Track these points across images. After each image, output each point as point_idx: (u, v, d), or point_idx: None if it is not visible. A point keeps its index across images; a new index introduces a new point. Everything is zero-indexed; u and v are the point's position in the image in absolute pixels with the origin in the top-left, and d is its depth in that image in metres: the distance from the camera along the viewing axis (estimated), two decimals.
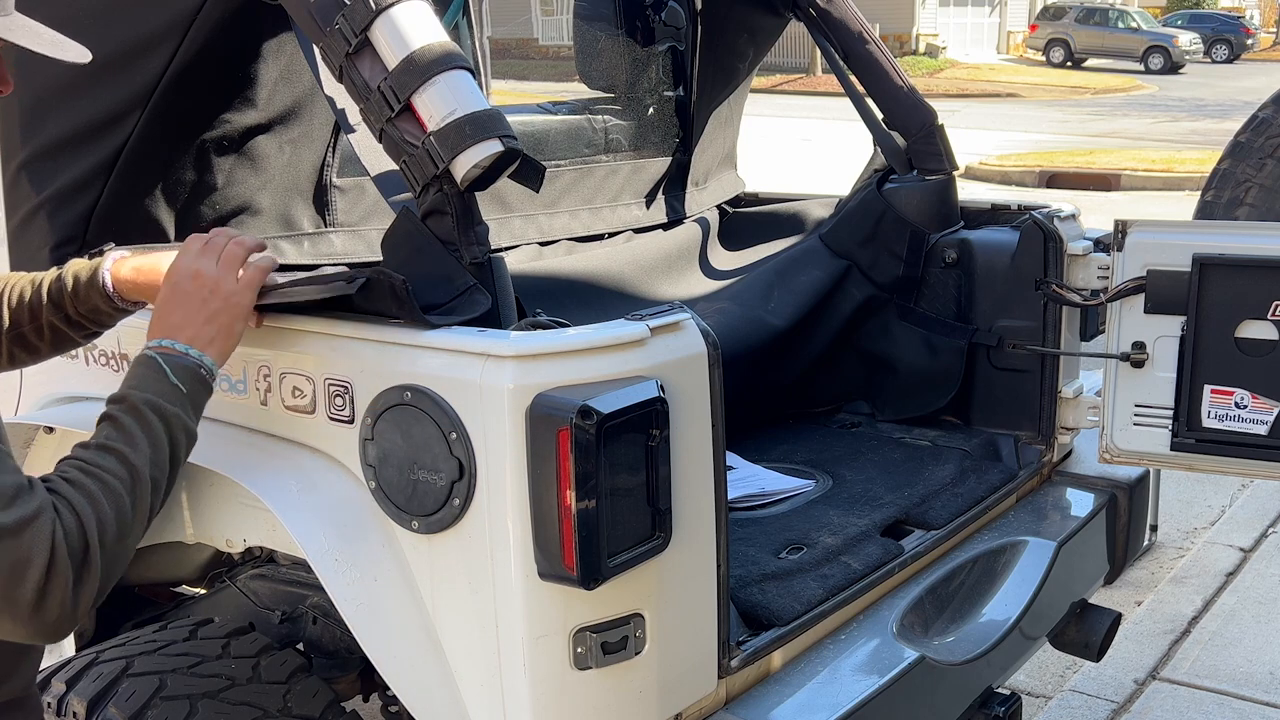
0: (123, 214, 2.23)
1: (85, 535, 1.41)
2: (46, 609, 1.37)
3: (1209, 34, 37.26)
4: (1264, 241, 2.41)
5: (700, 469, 1.85)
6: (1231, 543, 4.88)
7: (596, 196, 3.30)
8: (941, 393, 3.08)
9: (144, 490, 1.52)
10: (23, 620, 1.37)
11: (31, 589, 1.35)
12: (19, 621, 1.37)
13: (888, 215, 3.17)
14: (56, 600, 1.37)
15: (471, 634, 1.80)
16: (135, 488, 1.50)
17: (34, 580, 1.35)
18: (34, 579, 1.35)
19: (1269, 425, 2.42)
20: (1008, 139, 18.50)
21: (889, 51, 3.30)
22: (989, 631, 2.33)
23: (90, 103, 2.15)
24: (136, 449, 1.53)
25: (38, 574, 1.35)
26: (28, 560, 1.34)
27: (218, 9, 2.08)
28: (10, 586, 1.34)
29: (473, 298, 1.81)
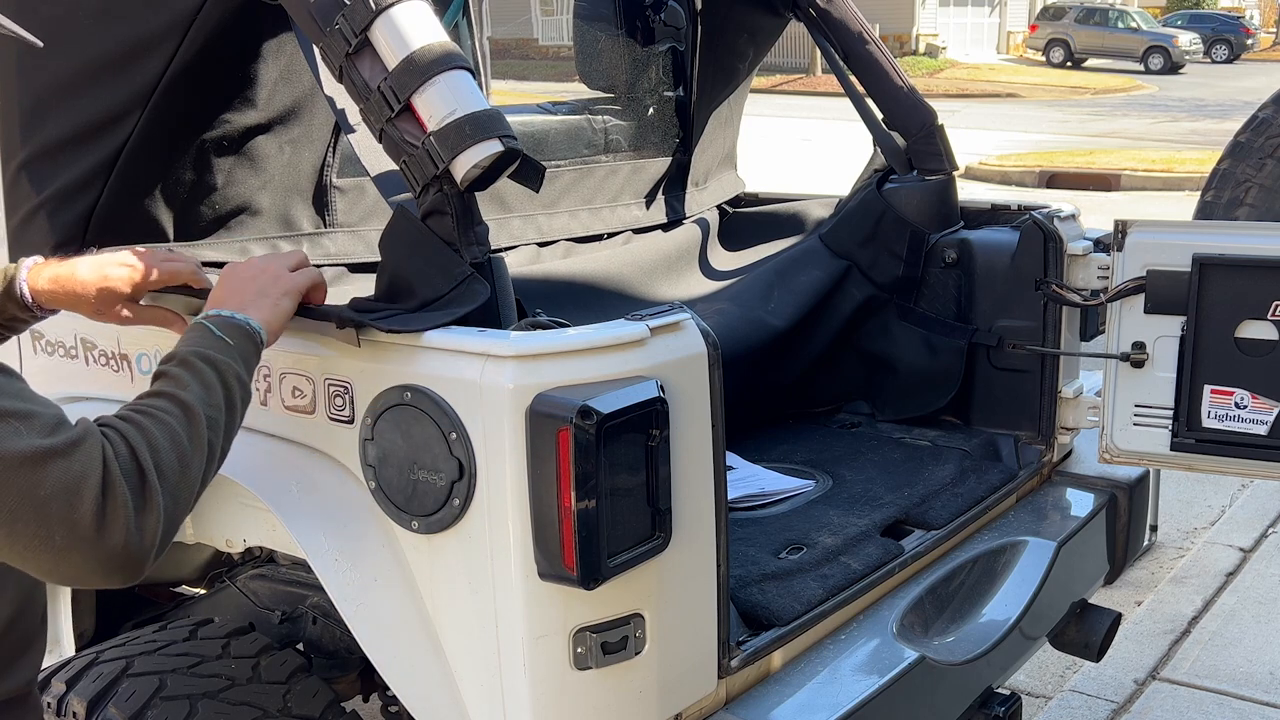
0: (122, 214, 2.23)
1: (138, 459, 1.39)
2: (110, 533, 1.33)
3: (1209, 34, 37.27)
4: (1264, 241, 2.41)
5: (700, 469, 1.85)
6: (1231, 543, 4.88)
7: (596, 197, 3.30)
8: (941, 393, 3.08)
9: (198, 425, 1.50)
10: (89, 547, 1.32)
11: (90, 510, 1.31)
12: (86, 550, 1.32)
13: (887, 215, 3.17)
14: (119, 524, 1.34)
15: (471, 634, 1.80)
16: (189, 422, 1.49)
17: (90, 500, 1.32)
18: (90, 498, 1.32)
19: (1269, 425, 2.42)
20: (1008, 139, 18.51)
21: (889, 51, 3.30)
22: (989, 631, 2.33)
23: (90, 103, 2.15)
24: (186, 389, 1.53)
25: (93, 493, 1.32)
26: (80, 479, 1.31)
27: (218, 9, 2.07)
28: (68, 509, 1.30)
29: (471, 287, 1.81)
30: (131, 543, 1.36)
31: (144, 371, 2.14)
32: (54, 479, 1.30)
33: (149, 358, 2.12)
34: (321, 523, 1.87)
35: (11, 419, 1.30)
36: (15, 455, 1.28)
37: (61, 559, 1.32)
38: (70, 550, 1.32)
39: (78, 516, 1.31)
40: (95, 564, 1.34)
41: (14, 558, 1.32)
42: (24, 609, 1.55)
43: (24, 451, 1.28)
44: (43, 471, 1.29)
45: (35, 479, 1.28)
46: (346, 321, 1.79)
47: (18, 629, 1.54)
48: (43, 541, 1.30)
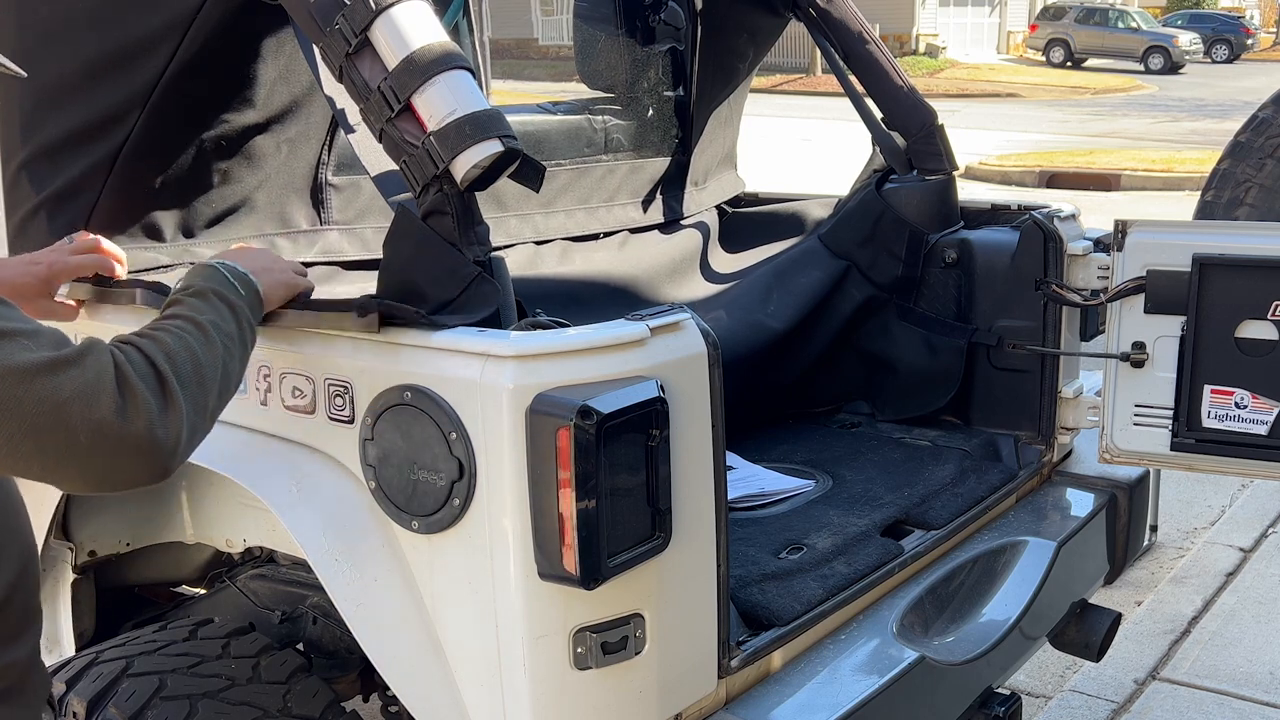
0: (120, 213, 2.23)
1: (154, 364, 1.43)
2: (133, 424, 1.36)
3: (1209, 34, 37.26)
4: (1264, 241, 2.41)
5: (700, 469, 1.85)
6: (1231, 543, 4.88)
7: (593, 196, 3.30)
8: (941, 392, 3.08)
9: (214, 344, 1.55)
10: (114, 442, 1.35)
11: (109, 406, 1.34)
12: (112, 444, 1.35)
13: (887, 215, 3.17)
14: (142, 417, 1.37)
15: (471, 634, 1.80)
16: (205, 339, 1.54)
17: (109, 397, 1.35)
18: (108, 396, 1.35)
19: (1269, 425, 2.42)
20: (1008, 139, 18.50)
21: (889, 51, 3.30)
22: (989, 631, 2.33)
23: (90, 102, 2.15)
24: (202, 314, 1.59)
25: (110, 391, 1.35)
26: (96, 380, 1.35)
27: (217, 9, 2.08)
28: (87, 409, 1.33)
29: (480, 289, 1.81)
30: (158, 434, 1.39)
31: None
32: (69, 385, 1.33)
33: None
34: (321, 523, 1.87)
35: (19, 337, 1.33)
36: (29, 366, 1.31)
37: (89, 459, 1.35)
38: (96, 448, 1.34)
39: (99, 415, 1.34)
40: (123, 457, 1.37)
41: (44, 471, 1.35)
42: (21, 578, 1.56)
43: (36, 362, 1.31)
44: (58, 379, 1.32)
45: (52, 386, 1.31)
46: (368, 309, 1.78)
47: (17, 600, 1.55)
48: (69, 446, 1.33)
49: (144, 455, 1.38)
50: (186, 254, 2.33)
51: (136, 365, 1.41)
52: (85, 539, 2.30)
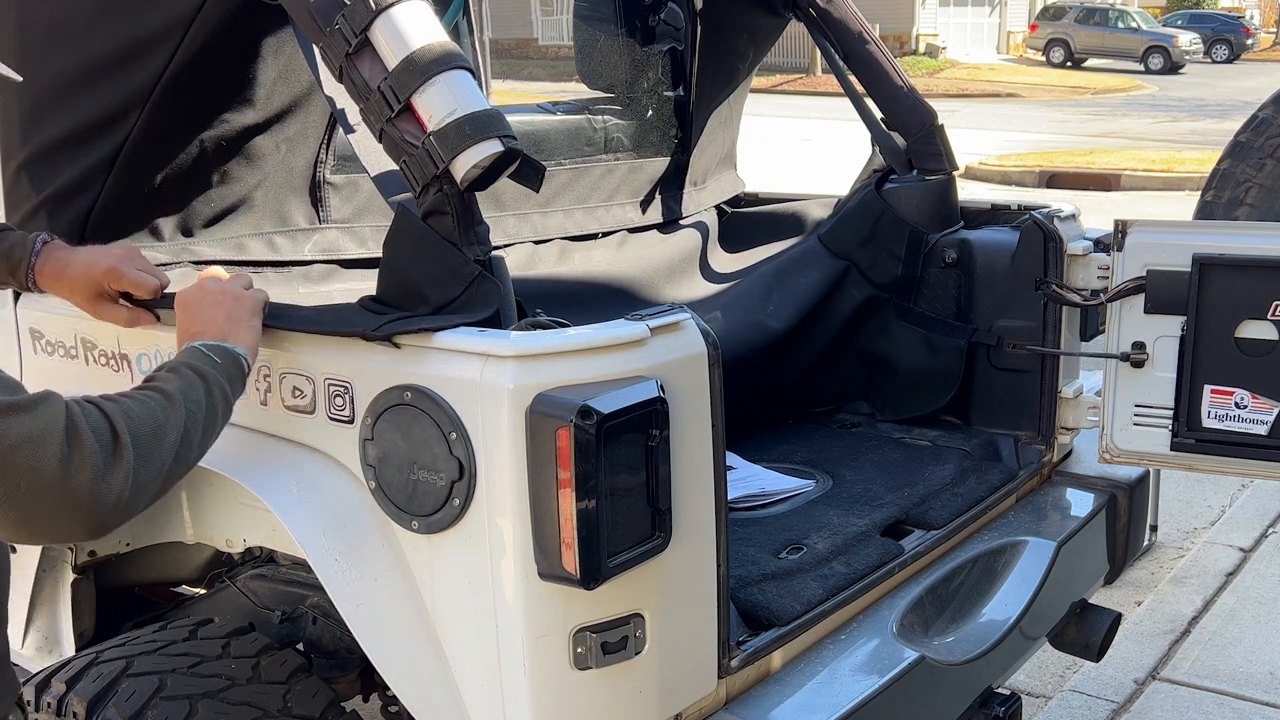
0: (120, 212, 2.24)
1: (110, 419, 1.44)
2: (75, 479, 1.37)
3: (1209, 34, 37.25)
4: (1264, 241, 2.41)
5: (700, 469, 1.85)
6: (1231, 543, 4.88)
7: (591, 196, 3.30)
8: (941, 392, 3.08)
9: (177, 410, 1.57)
10: (54, 493, 1.35)
11: (54, 455, 1.35)
12: (51, 495, 1.36)
13: (886, 215, 3.17)
14: (85, 471, 1.38)
15: (471, 634, 1.80)
16: (168, 405, 1.56)
17: (55, 446, 1.36)
18: (54, 445, 1.36)
19: (1269, 425, 2.42)
20: (1008, 139, 18.50)
21: (889, 51, 3.30)
22: (989, 631, 2.33)
23: (90, 102, 2.15)
24: (169, 383, 1.61)
25: (57, 441, 1.36)
26: (45, 429, 1.36)
27: (217, 9, 2.08)
28: (31, 457, 1.34)
29: (482, 288, 1.81)
30: (99, 491, 1.39)
31: (144, 371, 2.14)
32: (17, 430, 1.34)
33: (149, 358, 2.12)
34: (321, 523, 1.87)
35: None
36: None
37: (28, 507, 1.35)
38: (35, 496, 1.35)
39: (42, 463, 1.35)
40: (60, 511, 1.38)
41: None
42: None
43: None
44: (5, 423, 1.33)
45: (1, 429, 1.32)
46: (375, 336, 1.79)
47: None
48: (8, 491, 1.33)
49: (82, 509, 1.39)
50: (186, 252, 2.34)
51: (91, 419, 1.42)
52: None
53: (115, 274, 1.98)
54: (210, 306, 1.83)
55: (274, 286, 2.44)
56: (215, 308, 1.82)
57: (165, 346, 2.09)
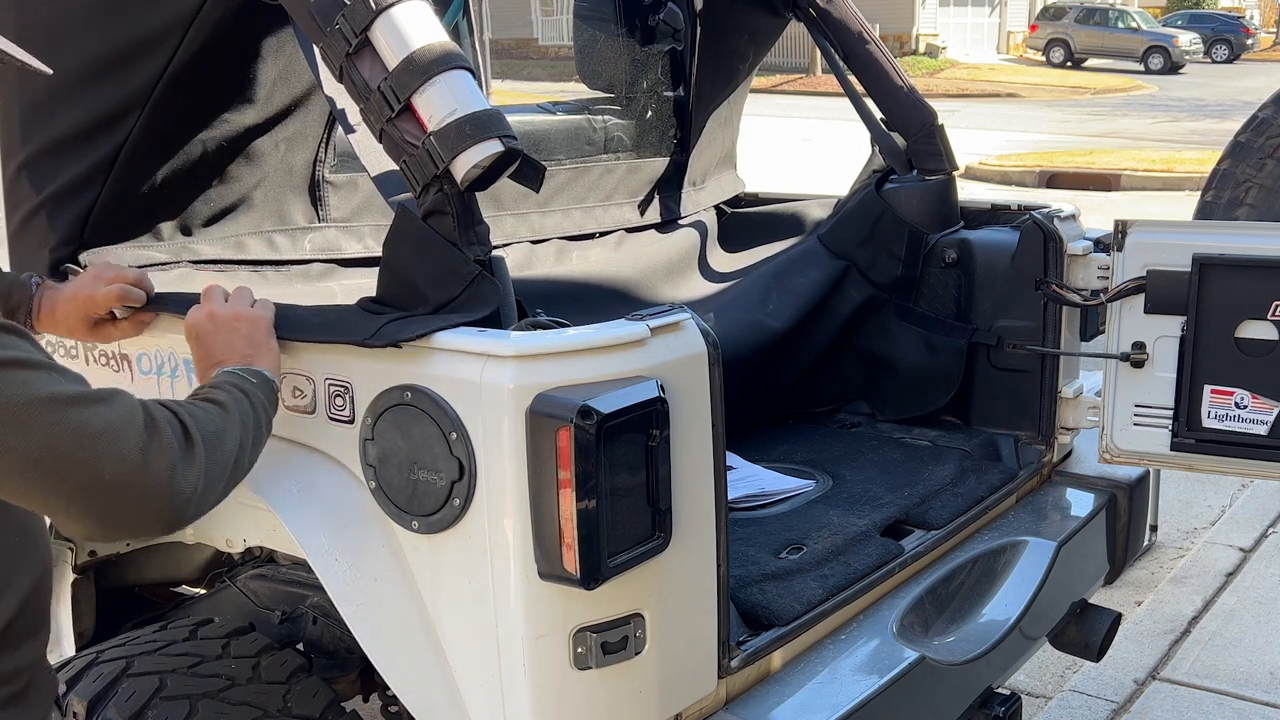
0: (120, 212, 2.24)
1: (180, 417, 1.46)
2: (156, 472, 1.38)
3: (1209, 34, 37.24)
4: (1264, 241, 2.41)
5: (700, 469, 1.85)
6: (1231, 543, 4.88)
7: (590, 196, 3.30)
8: (941, 392, 3.08)
9: (232, 419, 1.58)
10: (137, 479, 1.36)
11: (135, 445, 1.37)
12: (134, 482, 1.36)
13: (886, 215, 3.17)
14: (165, 459, 1.39)
15: (471, 634, 1.80)
16: (224, 414, 1.57)
17: (136, 435, 1.37)
18: (135, 434, 1.37)
19: (1269, 425, 2.42)
20: (1008, 139, 18.50)
21: (889, 51, 3.30)
22: (989, 631, 2.33)
23: (90, 102, 2.15)
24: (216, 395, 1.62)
25: (138, 430, 1.38)
26: (125, 419, 1.37)
27: (217, 9, 2.08)
28: (114, 444, 1.35)
29: (481, 288, 1.81)
30: (178, 481, 1.41)
31: (144, 371, 2.14)
32: (99, 419, 1.35)
33: (149, 358, 2.12)
34: (321, 523, 1.87)
35: (52, 371, 1.36)
36: (62, 396, 1.33)
37: (109, 497, 1.36)
38: (118, 486, 1.36)
39: (125, 451, 1.36)
40: (142, 499, 1.38)
41: (65, 504, 1.36)
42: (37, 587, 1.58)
43: (71, 394, 1.34)
44: (87, 411, 1.34)
45: (81, 418, 1.33)
46: (374, 344, 1.79)
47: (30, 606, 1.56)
48: (93, 480, 1.34)
49: (162, 500, 1.40)
50: (185, 251, 2.34)
51: (162, 414, 1.44)
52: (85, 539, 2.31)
53: (93, 302, 1.99)
54: (227, 334, 1.82)
55: (273, 285, 2.44)
56: (233, 334, 1.81)
57: (165, 346, 2.09)
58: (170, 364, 2.09)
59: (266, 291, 2.24)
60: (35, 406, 1.30)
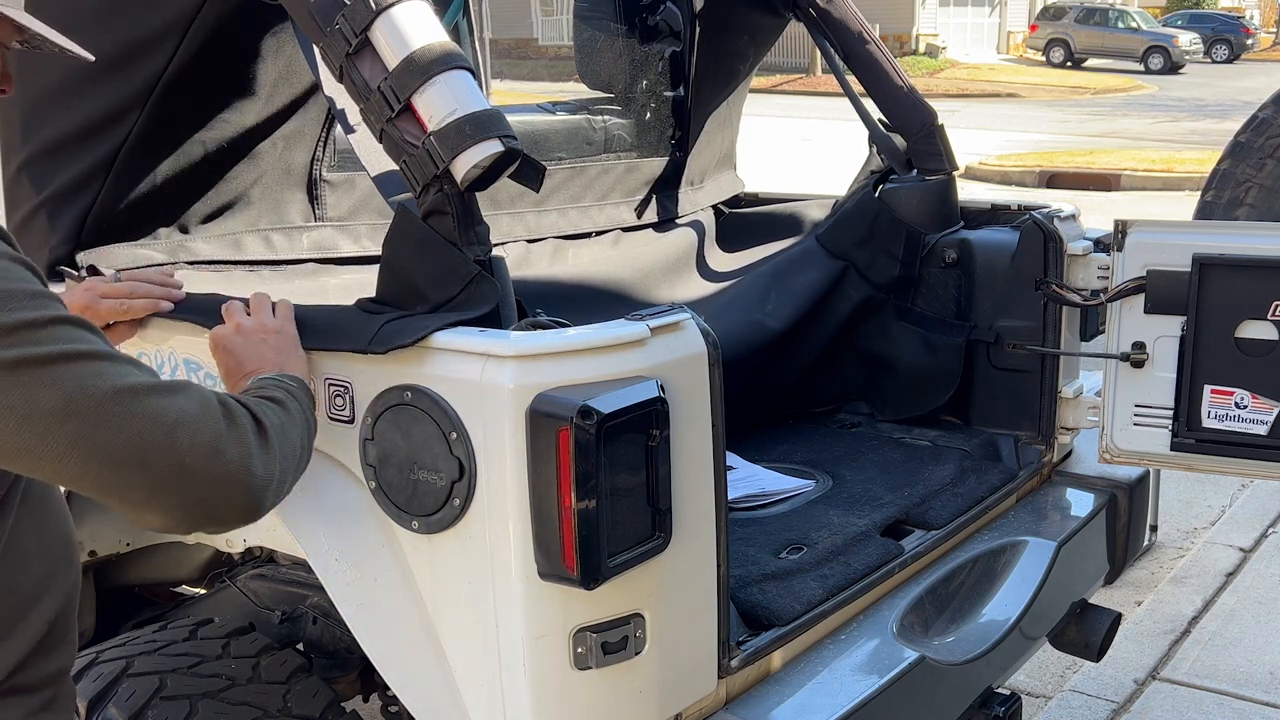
0: (118, 212, 2.24)
1: (248, 406, 1.44)
2: (236, 458, 1.36)
3: (1209, 34, 37.24)
4: (1264, 241, 2.41)
5: (700, 469, 1.85)
6: (1231, 543, 4.88)
7: (586, 195, 3.30)
8: (941, 390, 3.08)
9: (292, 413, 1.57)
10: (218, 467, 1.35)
11: (213, 431, 1.35)
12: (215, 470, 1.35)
13: (884, 216, 3.17)
14: (244, 451, 1.37)
15: (471, 634, 1.80)
16: (283, 409, 1.55)
17: (213, 423, 1.36)
18: (212, 423, 1.36)
19: (1269, 425, 2.42)
20: (1008, 139, 18.50)
21: (889, 51, 3.30)
22: (989, 631, 2.33)
23: (90, 102, 2.15)
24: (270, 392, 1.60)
25: (215, 419, 1.36)
26: (202, 409, 1.36)
27: (217, 9, 2.08)
28: (194, 433, 1.33)
29: (480, 288, 1.81)
30: (256, 469, 1.39)
31: None
32: (176, 408, 1.33)
33: (148, 357, 2.12)
34: (321, 523, 1.87)
35: (123, 361, 1.35)
36: (138, 386, 1.32)
37: (189, 486, 1.34)
38: (199, 474, 1.34)
39: (206, 438, 1.34)
40: (222, 487, 1.36)
41: (145, 495, 1.33)
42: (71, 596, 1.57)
43: (147, 384, 1.33)
44: (164, 401, 1.33)
45: (159, 407, 1.32)
46: (373, 350, 1.79)
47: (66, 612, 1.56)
48: (176, 470, 1.32)
49: (241, 488, 1.38)
50: (182, 250, 2.34)
51: (235, 404, 1.42)
52: (85, 539, 2.30)
53: (93, 313, 1.97)
54: (256, 345, 1.80)
55: (270, 282, 2.44)
56: (261, 345, 1.80)
57: (166, 346, 2.09)
58: (171, 364, 2.09)
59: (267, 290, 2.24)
60: (112, 398, 1.29)
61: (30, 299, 1.28)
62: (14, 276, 1.29)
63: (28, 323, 1.26)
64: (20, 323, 1.26)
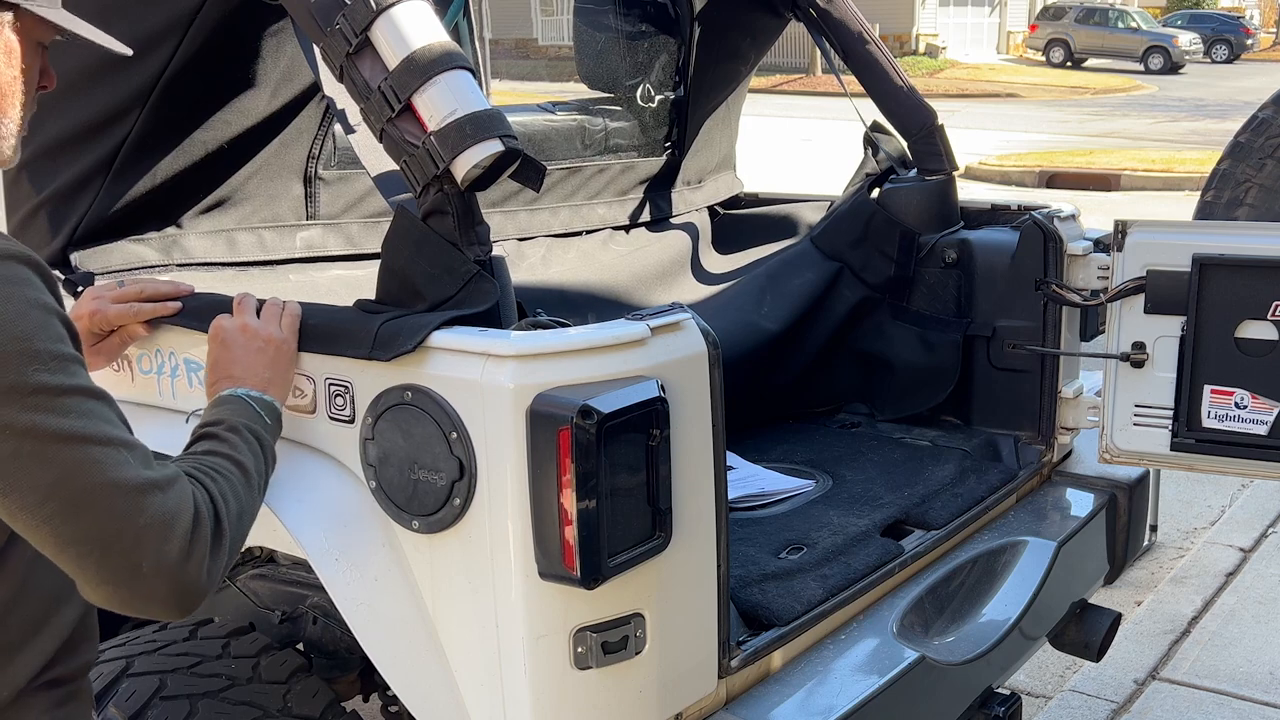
0: (118, 210, 2.24)
1: (215, 505, 1.44)
2: (189, 570, 1.37)
3: (1209, 34, 37.25)
4: (1264, 241, 2.40)
5: (700, 469, 1.85)
6: (1231, 543, 4.88)
7: (578, 194, 3.30)
8: (939, 388, 3.08)
9: (253, 488, 1.57)
10: (171, 578, 1.35)
11: (178, 546, 1.35)
12: (167, 580, 1.35)
13: (878, 217, 3.18)
14: (198, 562, 1.37)
15: (471, 634, 1.80)
16: (247, 483, 1.56)
17: (182, 534, 1.36)
18: (181, 532, 1.36)
19: (1269, 425, 2.42)
20: (1008, 139, 18.50)
21: (889, 51, 3.30)
22: (989, 631, 2.33)
23: (90, 102, 2.15)
24: (242, 454, 1.59)
25: (184, 528, 1.36)
26: (175, 514, 1.36)
27: (218, 8, 2.08)
28: (161, 540, 1.34)
29: (479, 286, 1.81)
30: (202, 580, 1.39)
31: (145, 371, 2.14)
32: (153, 510, 1.34)
33: (149, 358, 2.12)
34: (321, 523, 1.87)
35: (119, 447, 1.34)
36: (125, 483, 1.32)
37: (142, 587, 1.35)
38: (153, 579, 1.35)
39: (169, 549, 1.34)
40: (170, 595, 1.37)
41: (94, 584, 1.34)
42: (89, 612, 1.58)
43: (132, 481, 1.32)
44: (144, 501, 1.33)
45: (137, 507, 1.32)
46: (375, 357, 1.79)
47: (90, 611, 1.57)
48: (131, 569, 1.33)
49: (187, 598, 1.39)
50: (175, 247, 2.34)
51: (205, 506, 1.42)
52: None
53: (101, 316, 1.98)
54: (254, 352, 1.80)
55: (264, 279, 2.44)
56: (259, 355, 1.81)
57: (165, 346, 2.09)
58: (170, 364, 2.09)
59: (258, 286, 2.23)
60: (99, 492, 1.30)
61: (55, 361, 1.29)
62: (50, 335, 1.30)
63: (48, 388, 1.28)
64: (40, 387, 1.27)
